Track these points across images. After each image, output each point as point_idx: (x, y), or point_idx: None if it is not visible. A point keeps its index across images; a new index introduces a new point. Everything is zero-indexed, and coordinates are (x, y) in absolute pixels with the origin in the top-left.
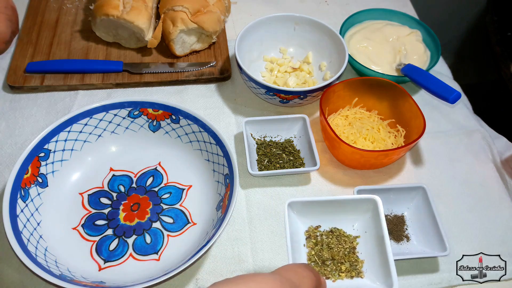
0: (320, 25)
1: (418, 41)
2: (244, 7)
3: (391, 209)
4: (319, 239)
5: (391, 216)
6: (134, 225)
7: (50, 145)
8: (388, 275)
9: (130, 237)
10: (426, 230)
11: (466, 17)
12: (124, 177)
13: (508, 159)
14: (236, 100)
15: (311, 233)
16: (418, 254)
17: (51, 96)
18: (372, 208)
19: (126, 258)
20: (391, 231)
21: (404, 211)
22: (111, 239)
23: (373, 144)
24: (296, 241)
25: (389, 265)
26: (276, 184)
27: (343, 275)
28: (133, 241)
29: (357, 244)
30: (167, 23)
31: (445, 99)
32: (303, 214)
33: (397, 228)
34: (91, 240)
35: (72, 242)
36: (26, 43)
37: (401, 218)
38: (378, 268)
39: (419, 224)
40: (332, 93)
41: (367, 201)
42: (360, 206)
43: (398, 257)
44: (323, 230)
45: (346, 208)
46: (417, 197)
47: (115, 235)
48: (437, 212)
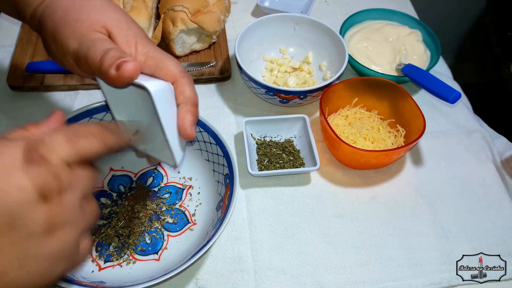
0: (320, 25)
1: (418, 41)
2: (244, 7)
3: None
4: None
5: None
6: (134, 225)
7: None
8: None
9: (130, 237)
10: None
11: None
12: (124, 177)
13: (508, 159)
14: (236, 100)
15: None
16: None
17: (51, 96)
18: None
19: (126, 258)
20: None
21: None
22: (111, 239)
23: (373, 144)
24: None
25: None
26: (276, 184)
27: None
28: (133, 241)
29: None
30: (167, 23)
31: (445, 99)
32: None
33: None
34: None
35: None
36: (26, 43)
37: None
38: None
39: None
40: (332, 93)
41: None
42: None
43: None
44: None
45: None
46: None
47: (115, 235)
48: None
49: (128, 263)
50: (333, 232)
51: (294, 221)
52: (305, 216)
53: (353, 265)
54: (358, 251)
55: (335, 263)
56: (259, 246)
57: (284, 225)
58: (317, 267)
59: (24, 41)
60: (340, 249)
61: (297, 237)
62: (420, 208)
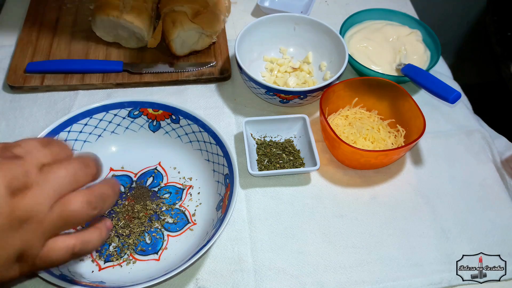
0: (320, 25)
1: (418, 41)
2: (244, 7)
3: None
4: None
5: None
6: (134, 225)
7: None
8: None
9: (130, 237)
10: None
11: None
12: (124, 177)
13: (508, 159)
14: (236, 100)
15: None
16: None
17: (51, 96)
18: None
19: (126, 258)
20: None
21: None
22: (111, 239)
23: (373, 144)
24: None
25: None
26: (276, 184)
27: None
28: (133, 241)
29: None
30: (167, 23)
31: (445, 99)
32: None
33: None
34: None
35: None
36: (26, 43)
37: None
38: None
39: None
40: (332, 93)
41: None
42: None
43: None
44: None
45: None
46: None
47: (115, 235)
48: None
49: (128, 263)
50: (333, 232)
51: (294, 221)
52: (305, 216)
53: (353, 265)
54: (358, 251)
55: (335, 263)
56: (259, 246)
57: (284, 225)
58: (317, 267)
59: (24, 41)
60: (340, 249)
61: (297, 237)
62: (420, 208)
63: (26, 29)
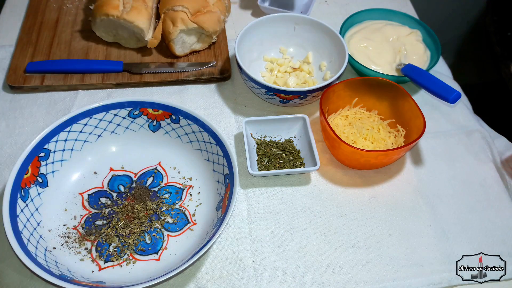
0: (320, 25)
1: (418, 41)
2: (244, 7)
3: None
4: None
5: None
6: (134, 225)
7: (50, 145)
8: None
9: (130, 237)
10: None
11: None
12: (124, 177)
13: (508, 159)
14: (236, 100)
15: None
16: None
17: (51, 96)
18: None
19: (126, 258)
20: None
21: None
22: (111, 239)
23: (373, 144)
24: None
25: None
26: (276, 184)
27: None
28: (133, 241)
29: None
30: (167, 23)
31: (445, 99)
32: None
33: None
34: (91, 240)
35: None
36: (26, 43)
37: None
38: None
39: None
40: (332, 93)
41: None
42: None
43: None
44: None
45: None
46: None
47: (115, 235)
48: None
49: (128, 263)
50: (333, 232)
51: (294, 221)
52: (305, 216)
53: (353, 265)
54: (358, 251)
55: (335, 263)
56: (259, 246)
57: (284, 225)
58: (317, 267)
59: (24, 41)
60: (340, 249)
61: (297, 237)
62: (420, 208)
63: (26, 29)
